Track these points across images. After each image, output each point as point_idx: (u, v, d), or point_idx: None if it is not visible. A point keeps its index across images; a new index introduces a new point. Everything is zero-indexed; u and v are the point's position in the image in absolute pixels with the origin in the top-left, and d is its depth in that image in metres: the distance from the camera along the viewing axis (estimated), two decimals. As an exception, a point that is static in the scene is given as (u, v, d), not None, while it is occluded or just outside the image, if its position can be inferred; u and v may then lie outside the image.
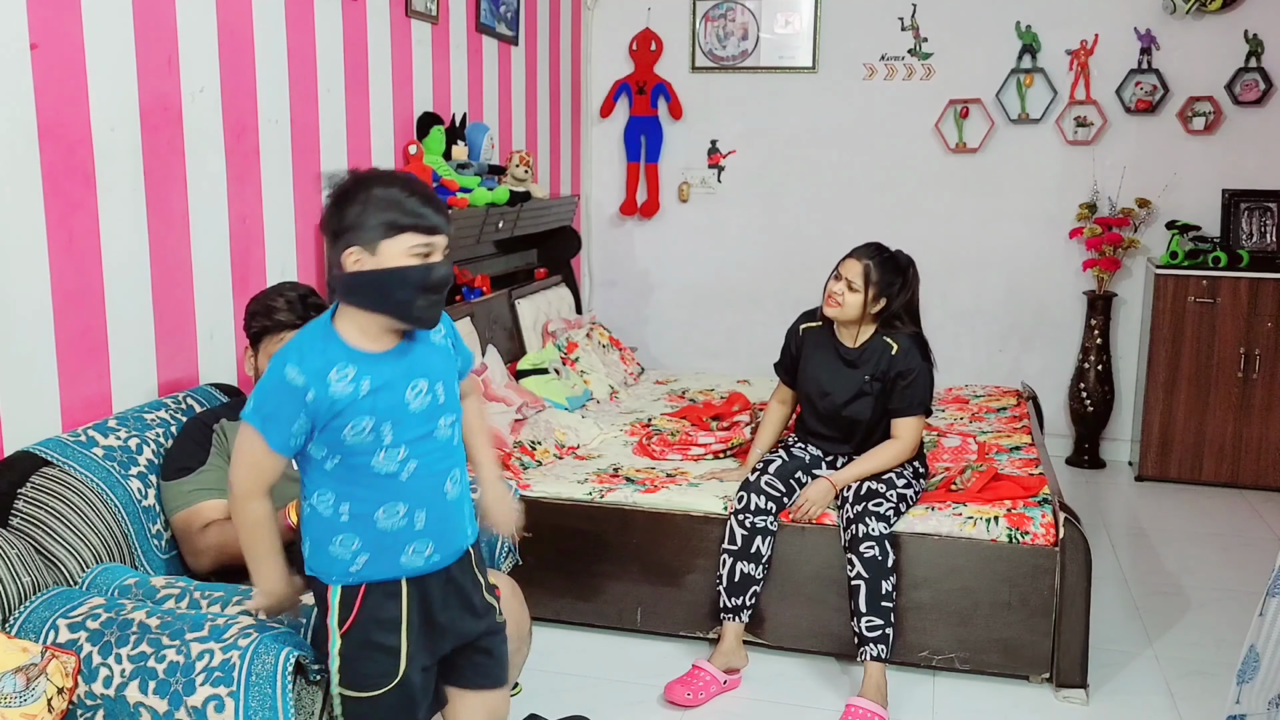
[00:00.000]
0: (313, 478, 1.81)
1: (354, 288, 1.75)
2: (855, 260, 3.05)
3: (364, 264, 1.73)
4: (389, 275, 1.73)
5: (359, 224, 1.72)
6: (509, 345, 4.28)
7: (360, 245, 1.73)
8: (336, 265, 1.76)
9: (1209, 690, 2.95)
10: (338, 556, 1.80)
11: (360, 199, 1.73)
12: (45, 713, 1.77)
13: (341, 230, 1.74)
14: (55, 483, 2.16)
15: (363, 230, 1.72)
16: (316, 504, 1.81)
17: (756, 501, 3.03)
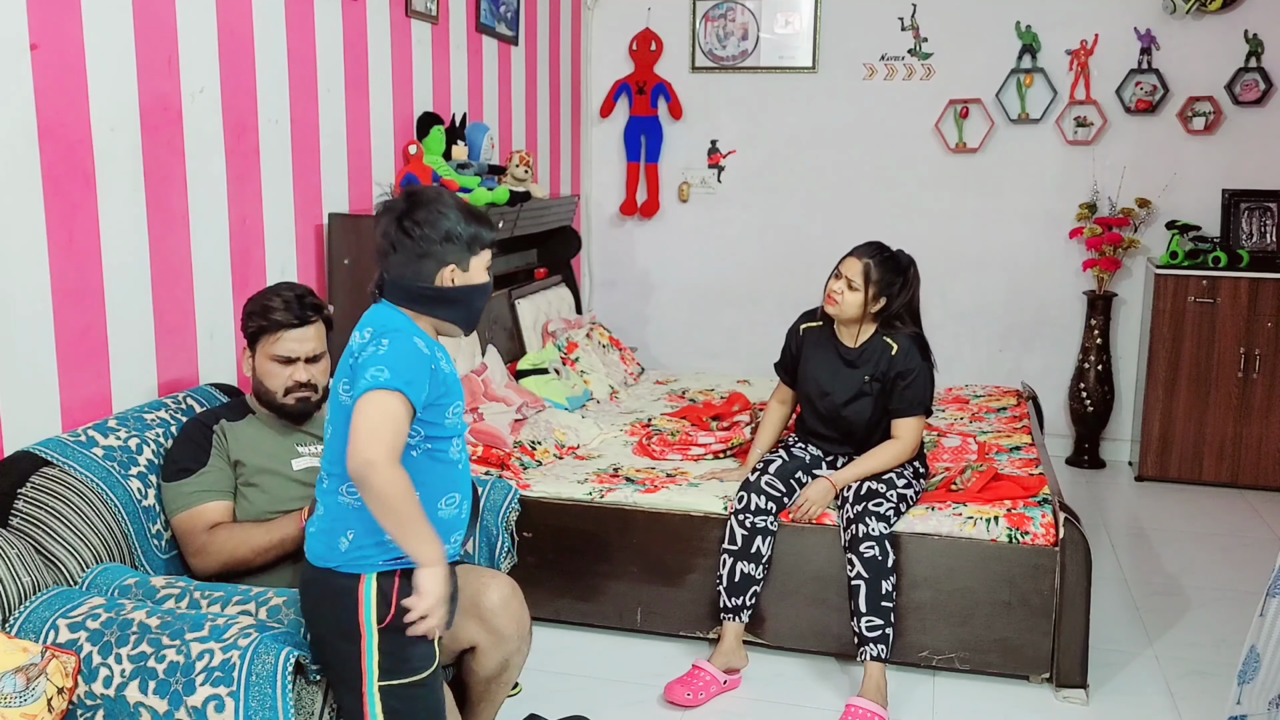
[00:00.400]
0: None
1: (447, 301, 1.90)
2: (855, 259, 3.05)
3: (458, 280, 1.91)
4: (478, 290, 1.94)
5: (453, 242, 1.88)
6: (509, 345, 4.28)
7: (457, 263, 1.90)
8: (418, 279, 1.88)
9: (1209, 690, 2.95)
10: (387, 543, 1.82)
11: (444, 216, 1.88)
12: (45, 713, 1.77)
13: (433, 248, 1.88)
14: (55, 483, 2.16)
15: (457, 248, 1.89)
16: None
17: (756, 501, 3.03)
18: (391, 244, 1.90)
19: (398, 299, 1.91)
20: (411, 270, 1.89)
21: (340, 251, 3.30)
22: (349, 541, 1.86)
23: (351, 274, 3.29)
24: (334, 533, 1.87)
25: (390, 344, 1.82)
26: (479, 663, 2.32)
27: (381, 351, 1.81)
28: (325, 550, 1.88)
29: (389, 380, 1.77)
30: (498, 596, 2.30)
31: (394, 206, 1.92)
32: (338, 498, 1.87)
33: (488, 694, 2.38)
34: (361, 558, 1.85)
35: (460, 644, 2.30)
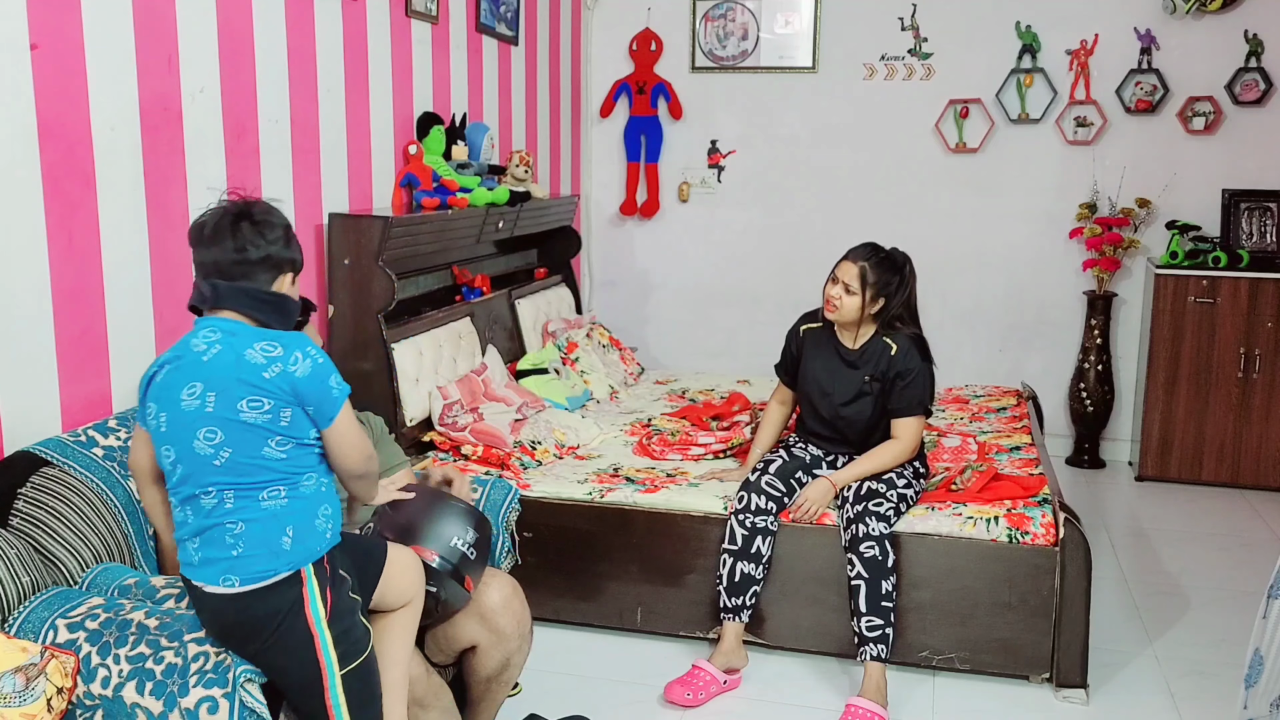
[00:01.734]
0: (303, 461, 1.89)
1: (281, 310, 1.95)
2: (850, 263, 3.05)
3: (288, 289, 1.97)
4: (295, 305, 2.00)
5: (291, 251, 1.96)
6: (509, 345, 4.28)
7: (294, 271, 1.98)
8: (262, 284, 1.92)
9: (1209, 690, 2.95)
10: (318, 527, 1.90)
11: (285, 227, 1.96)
12: (45, 712, 1.77)
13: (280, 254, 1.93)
14: (55, 483, 2.16)
15: (294, 258, 1.96)
16: (304, 487, 1.89)
17: (757, 501, 3.03)
18: (242, 245, 1.88)
19: (241, 306, 1.89)
20: (255, 273, 1.90)
21: (340, 251, 3.29)
22: (291, 538, 1.86)
23: (351, 274, 3.29)
24: (270, 539, 1.85)
25: (314, 350, 1.89)
26: (479, 662, 2.32)
27: (321, 360, 1.89)
28: (263, 564, 1.85)
29: (346, 385, 1.92)
30: (498, 596, 2.30)
31: (233, 208, 1.92)
32: (260, 505, 1.85)
33: (488, 693, 2.38)
34: (305, 549, 1.88)
35: (461, 643, 2.30)
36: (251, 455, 1.84)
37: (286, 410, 1.84)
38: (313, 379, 1.85)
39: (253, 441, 1.83)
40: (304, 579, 1.87)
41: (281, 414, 1.84)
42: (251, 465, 1.84)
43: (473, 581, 2.26)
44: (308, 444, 1.89)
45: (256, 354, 1.84)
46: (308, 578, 1.87)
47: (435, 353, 3.62)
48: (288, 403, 1.84)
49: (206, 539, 1.86)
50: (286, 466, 1.87)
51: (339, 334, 3.35)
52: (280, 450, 1.86)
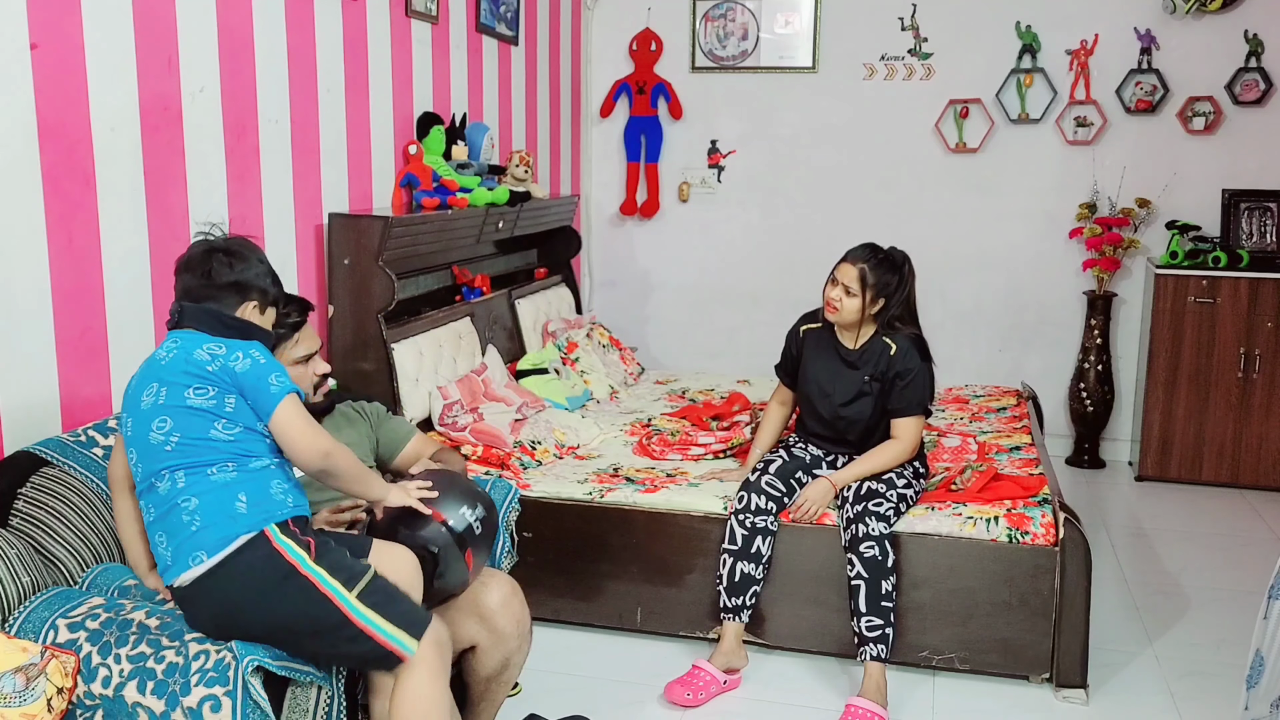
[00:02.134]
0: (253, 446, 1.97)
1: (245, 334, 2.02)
2: (850, 265, 3.05)
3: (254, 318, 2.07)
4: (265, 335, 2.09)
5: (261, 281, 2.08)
6: (509, 345, 4.28)
7: (259, 301, 2.08)
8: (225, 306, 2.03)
9: (1209, 690, 2.95)
10: (279, 498, 1.97)
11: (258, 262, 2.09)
12: (45, 712, 1.77)
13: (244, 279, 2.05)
14: (55, 483, 2.16)
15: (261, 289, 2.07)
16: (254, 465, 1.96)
17: (757, 501, 3.03)
18: (208, 271, 2.04)
19: (202, 324, 2.01)
20: (221, 298, 2.03)
21: (340, 251, 3.29)
22: (245, 503, 1.93)
23: (351, 274, 3.29)
24: (224, 506, 1.93)
25: (259, 353, 1.98)
26: (479, 662, 2.32)
27: (262, 361, 1.97)
28: (222, 530, 1.91)
29: (289, 384, 1.98)
30: (498, 596, 2.30)
31: (214, 242, 2.08)
32: (209, 479, 1.93)
33: (488, 693, 2.38)
34: (262, 511, 1.93)
35: (461, 643, 2.30)
36: (199, 436, 1.94)
37: (230, 397, 1.95)
38: (250, 374, 1.95)
39: (199, 425, 1.94)
40: (269, 537, 1.92)
41: (226, 400, 1.95)
42: (199, 445, 1.94)
43: (473, 560, 2.24)
44: (258, 431, 1.97)
45: (203, 352, 1.97)
46: (273, 535, 1.92)
47: (435, 353, 3.62)
48: (230, 390, 1.95)
49: (168, 526, 1.93)
50: (234, 448, 1.95)
51: (339, 334, 3.35)
52: (227, 433, 1.95)
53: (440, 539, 2.18)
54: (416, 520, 2.20)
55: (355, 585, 1.93)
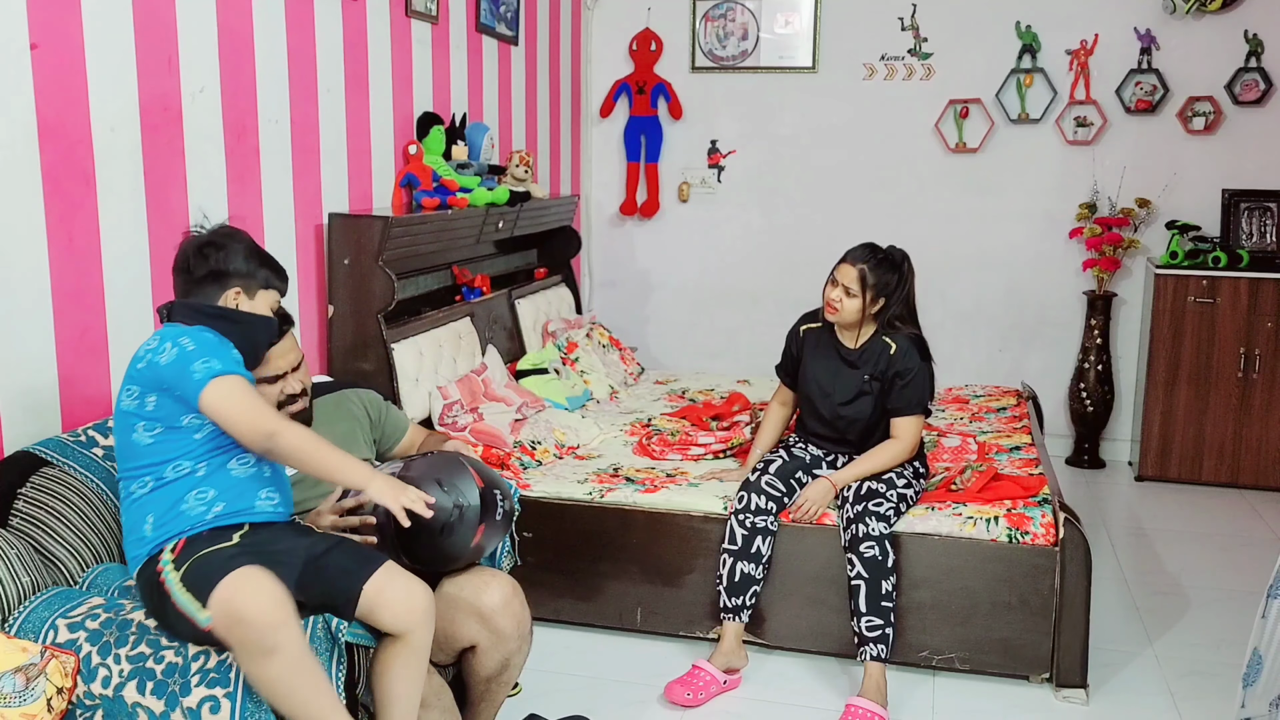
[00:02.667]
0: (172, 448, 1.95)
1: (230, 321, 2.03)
2: (849, 265, 3.05)
3: (242, 304, 2.08)
4: (259, 320, 2.09)
5: (241, 268, 2.07)
6: (509, 345, 4.28)
7: (243, 288, 2.08)
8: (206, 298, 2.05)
9: (1209, 690, 2.95)
10: (185, 512, 1.95)
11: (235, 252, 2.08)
12: (45, 712, 1.77)
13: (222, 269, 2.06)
14: (55, 483, 2.16)
15: (243, 275, 2.07)
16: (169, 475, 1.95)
17: (757, 501, 3.03)
18: (188, 266, 2.06)
19: (185, 318, 2.03)
20: (200, 290, 2.05)
21: (340, 251, 3.29)
22: (151, 525, 1.95)
23: (351, 274, 3.29)
24: (136, 528, 1.96)
25: (192, 339, 1.93)
26: (479, 662, 2.32)
27: (190, 348, 1.91)
28: (133, 551, 1.97)
29: (225, 367, 1.91)
30: (498, 596, 2.30)
31: (198, 237, 2.13)
32: (132, 494, 1.97)
33: (488, 694, 2.38)
34: (165, 531, 1.94)
35: (461, 643, 2.30)
36: (125, 440, 1.97)
37: (151, 396, 1.94)
38: (173, 364, 1.91)
39: (125, 427, 1.96)
40: (164, 553, 1.92)
41: (146, 400, 1.95)
42: (127, 452, 1.97)
43: (482, 537, 2.21)
44: (179, 428, 1.95)
45: (142, 349, 1.97)
46: (164, 556, 1.92)
47: (435, 353, 3.62)
48: (151, 389, 1.94)
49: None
50: (154, 453, 1.95)
51: (339, 334, 3.35)
52: (148, 435, 1.95)
53: (470, 499, 2.18)
54: (455, 471, 2.20)
55: (180, 567, 1.87)
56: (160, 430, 1.95)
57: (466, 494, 2.18)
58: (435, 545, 2.17)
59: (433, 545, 2.16)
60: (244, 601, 1.77)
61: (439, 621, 2.27)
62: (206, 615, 1.81)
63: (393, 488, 2.02)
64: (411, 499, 2.02)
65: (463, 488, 2.18)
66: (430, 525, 2.12)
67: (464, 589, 2.30)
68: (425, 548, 2.16)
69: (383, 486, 2.01)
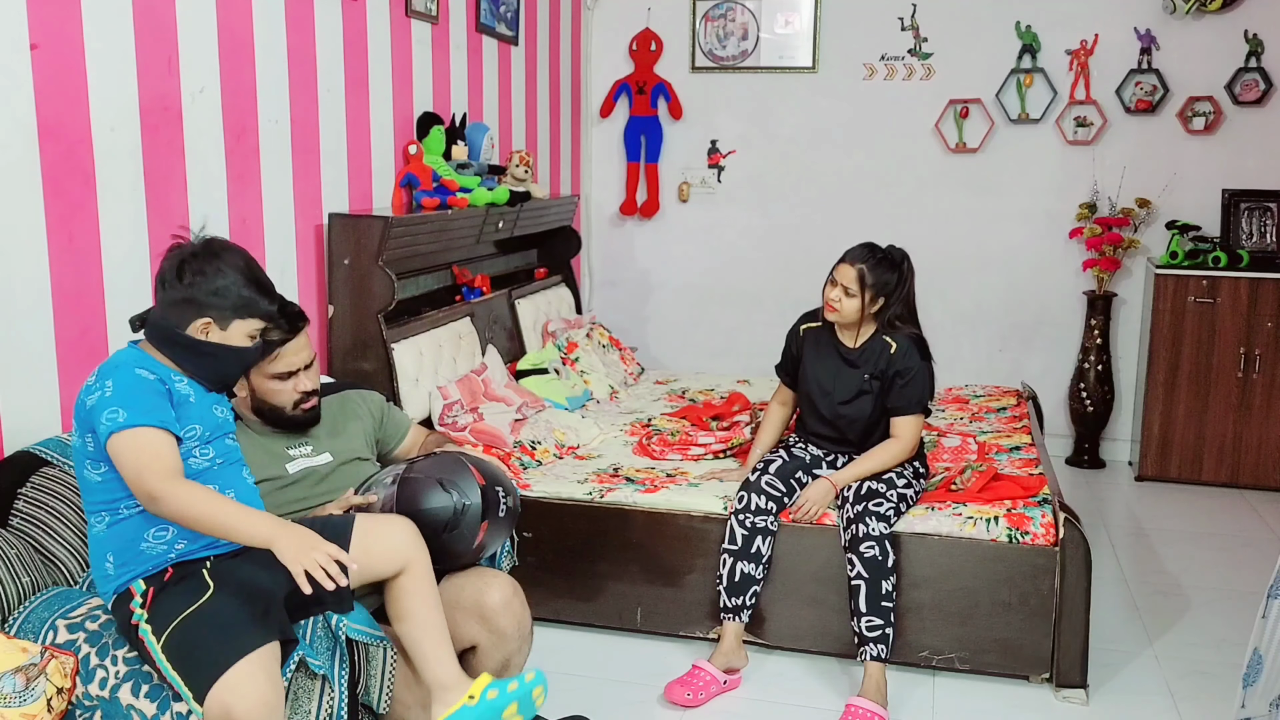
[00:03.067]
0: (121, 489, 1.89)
1: (195, 352, 1.96)
2: (849, 265, 3.05)
3: (211, 335, 1.97)
4: (230, 352, 1.99)
5: (218, 297, 1.95)
6: (509, 345, 4.28)
7: (215, 320, 1.96)
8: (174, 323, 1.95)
9: (1209, 690, 2.95)
10: (144, 551, 1.92)
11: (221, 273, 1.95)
12: (45, 713, 1.77)
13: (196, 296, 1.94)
14: (55, 483, 2.16)
15: (220, 305, 1.95)
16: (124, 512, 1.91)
17: (757, 501, 3.03)
18: (164, 282, 1.97)
19: (151, 337, 1.98)
20: (173, 313, 1.96)
21: (340, 251, 3.29)
22: (112, 564, 1.93)
23: (351, 274, 3.29)
24: (98, 565, 1.95)
25: (114, 384, 1.87)
26: (479, 663, 2.32)
27: (109, 394, 1.86)
28: (102, 589, 1.95)
29: (128, 419, 1.84)
30: (499, 596, 2.30)
31: (184, 249, 1.99)
32: (93, 530, 1.95)
33: (488, 694, 2.38)
34: (130, 570, 1.92)
35: (461, 644, 2.30)
36: (80, 475, 1.95)
37: (89, 435, 1.90)
38: (95, 409, 1.87)
39: (79, 463, 1.95)
40: (133, 594, 1.90)
41: (86, 439, 1.91)
42: (83, 485, 1.96)
43: (485, 535, 2.25)
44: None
45: (85, 384, 1.93)
46: (136, 592, 1.90)
47: (435, 353, 3.62)
48: (88, 427, 1.90)
49: None
50: (105, 490, 1.92)
51: (339, 334, 3.35)
52: (96, 473, 1.92)
53: (472, 498, 2.22)
54: (458, 470, 2.24)
55: (162, 633, 1.82)
56: (105, 469, 1.90)
57: (469, 493, 2.24)
58: (439, 544, 2.22)
59: (436, 544, 2.21)
60: (241, 709, 1.72)
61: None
62: (200, 710, 1.76)
63: (297, 548, 1.82)
64: (315, 561, 1.81)
65: (465, 487, 2.24)
66: (434, 523, 2.20)
67: (464, 589, 2.30)
68: (429, 547, 2.19)
69: (287, 545, 1.83)
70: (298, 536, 1.84)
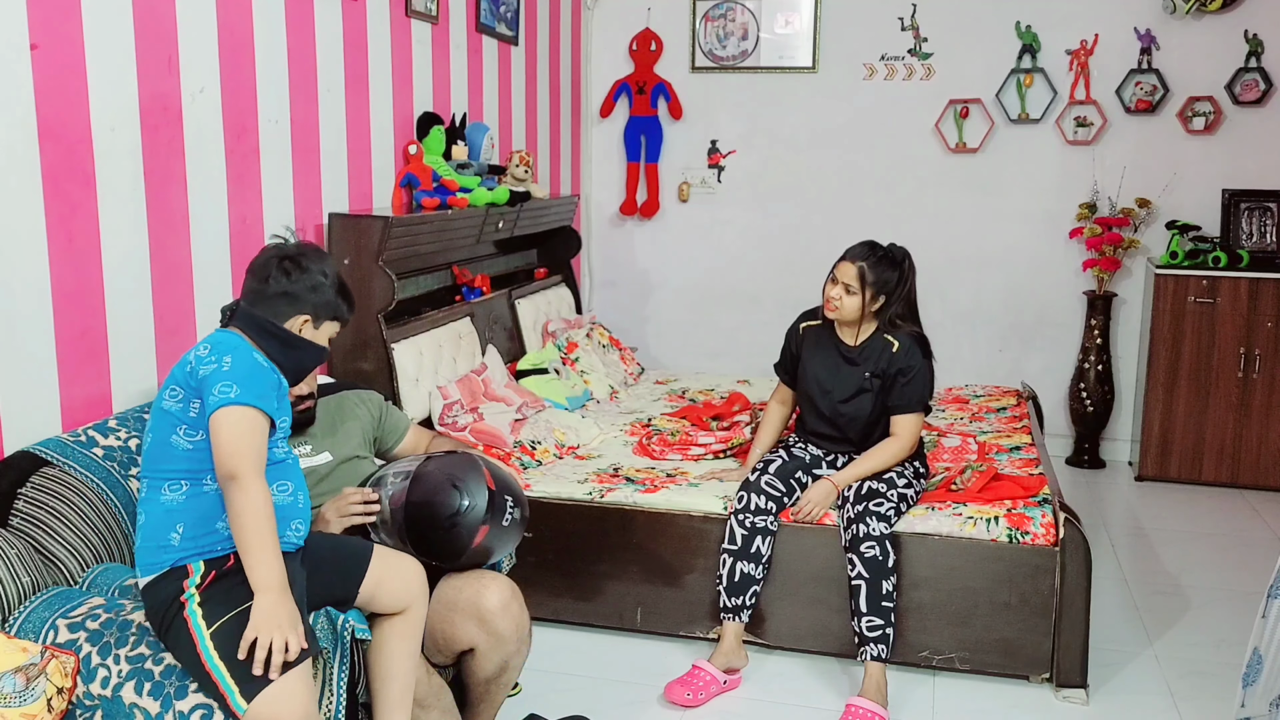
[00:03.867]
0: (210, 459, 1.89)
1: (289, 345, 2.04)
2: (849, 263, 3.05)
3: (305, 331, 2.06)
4: (315, 350, 2.09)
5: (317, 295, 2.06)
6: (509, 345, 4.28)
7: (313, 316, 2.07)
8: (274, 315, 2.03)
9: (1209, 690, 2.95)
10: (218, 530, 1.93)
11: (321, 274, 2.06)
12: (45, 713, 1.77)
13: (298, 292, 2.04)
14: (55, 483, 2.16)
15: (317, 304, 2.06)
16: (208, 486, 1.93)
17: (757, 501, 3.03)
18: (266, 277, 2.04)
19: (246, 327, 2.02)
20: (271, 306, 2.03)
21: (340, 251, 3.29)
22: (180, 534, 1.92)
23: (351, 274, 3.29)
24: (159, 534, 1.93)
25: (234, 360, 1.91)
26: (478, 664, 2.32)
27: (225, 368, 1.89)
28: (151, 558, 1.92)
29: (240, 396, 1.87)
30: (497, 598, 2.30)
31: (285, 248, 2.08)
32: (160, 497, 1.94)
33: (487, 695, 2.38)
34: (196, 545, 1.92)
35: (460, 645, 2.30)
36: (163, 441, 1.94)
37: (195, 401, 1.92)
38: (210, 378, 1.89)
39: (165, 427, 1.94)
40: (189, 572, 1.90)
41: (191, 404, 1.93)
42: (162, 452, 1.94)
43: (483, 540, 2.26)
44: None
45: (192, 353, 1.95)
46: (194, 571, 1.89)
47: (435, 353, 3.62)
48: (195, 394, 1.92)
49: (135, 529, 1.97)
50: (193, 460, 1.93)
51: (339, 334, 3.33)
52: (188, 440, 1.93)
53: (478, 499, 2.24)
54: (470, 471, 2.26)
55: (215, 621, 1.82)
56: (201, 438, 1.92)
57: (476, 495, 2.26)
58: (438, 538, 2.25)
59: (435, 538, 2.24)
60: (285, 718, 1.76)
61: (439, 623, 2.28)
62: (244, 707, 1.76)
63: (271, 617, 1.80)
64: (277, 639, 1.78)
65: (474, 488, 2.26)
66: (434, 517, 2.23)
67: (463, 591, 2.30)
68: (428, 540, 2.24)
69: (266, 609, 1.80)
70: (281, 609, 1.81)
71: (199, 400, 1.91)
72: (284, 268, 2.05)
